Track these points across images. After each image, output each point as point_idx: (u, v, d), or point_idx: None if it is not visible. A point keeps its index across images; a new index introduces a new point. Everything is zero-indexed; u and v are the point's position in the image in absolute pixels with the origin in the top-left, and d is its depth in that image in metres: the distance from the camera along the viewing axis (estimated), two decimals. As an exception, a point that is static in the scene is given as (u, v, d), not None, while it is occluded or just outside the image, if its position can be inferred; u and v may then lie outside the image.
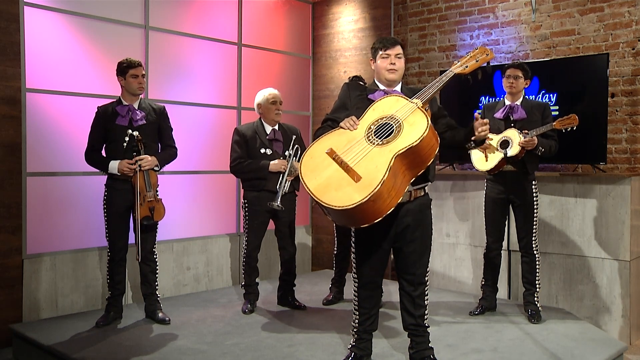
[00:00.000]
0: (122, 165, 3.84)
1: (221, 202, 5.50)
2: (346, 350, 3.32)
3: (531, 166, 4.05)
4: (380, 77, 3.13)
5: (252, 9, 5.74)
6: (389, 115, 2.82)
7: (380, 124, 2.81)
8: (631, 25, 4.57)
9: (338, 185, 2.64)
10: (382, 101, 2.91)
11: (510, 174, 4.06)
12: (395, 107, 2.84)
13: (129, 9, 4.81)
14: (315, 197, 2.64)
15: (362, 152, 2.72)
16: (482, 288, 4.34)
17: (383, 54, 3.10)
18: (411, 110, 2.80)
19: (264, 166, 4.24)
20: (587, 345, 3.60)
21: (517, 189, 4.07)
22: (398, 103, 2.86)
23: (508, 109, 4.10)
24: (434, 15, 5.72)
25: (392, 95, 2.94)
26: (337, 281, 4.73)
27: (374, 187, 2.56)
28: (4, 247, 4.10)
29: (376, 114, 2.85)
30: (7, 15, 4.09)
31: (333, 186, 2.64)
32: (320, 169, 2.71)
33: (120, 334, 3.82)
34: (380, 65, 3.11)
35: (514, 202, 4.10)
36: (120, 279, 4.05)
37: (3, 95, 4.09)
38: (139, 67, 3.93)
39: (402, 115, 2.79)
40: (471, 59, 3.01)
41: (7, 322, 4.08)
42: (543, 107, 4.12)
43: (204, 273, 5.28)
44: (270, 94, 4.36)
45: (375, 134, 2.78)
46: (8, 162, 4.12)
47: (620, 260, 4.32)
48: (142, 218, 3.88)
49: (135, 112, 3.93)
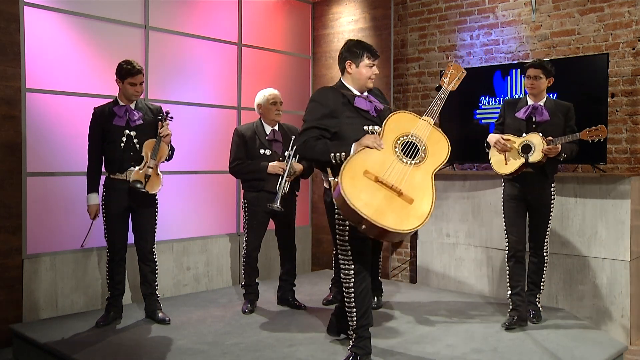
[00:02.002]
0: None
1: (221, 202, 5.50)
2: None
3: (551, 171, 3.95)
4: (359, 84, 3.19)
5: (252, 9, 5.74)
6: (408, 133, 3.01)
7: (404, 142, 2.99)
8: (631, 25, 4.57)
9: (392, 209, 2.81)
10: (395, 118, 3.05)
11: (529, 175, 3.94)
12: (411, 125, 3.04)
13: (129, 9, 4.80)
14: (374, 221, 2.75)
15: (401, 173, 2.89)
16: (510, 297, 4.01)
17: (369, 63, 3.17)
18: (428, 129, 3.03)
19: (262, 168, 4.24)
20: (587, 345, 3.61)
21: (535, 191, 3.95)
22: (412, 121, 3.06)
23: (531, 109, 3.95)
24: (434, 15, 5.72)
25: (401, 112, 3.10)
26: (337, 281, 4.71)
27: (428, 211, 2.84)
28: (4, 247, 4.10)
29: (395, 133, 3.00)
30: (7, 15, 4.09)
31: (389, 210, 2.80)
32: (369, 192, 2.82)
33: (120, 334, 3.82)
34: (363, 73, 3.16)
35: (531, 203, 3.98)
36: (120, 279, 4.05)
37: (3, 95, 4.09)
38: (139, 75, 3.89)
39: (423, 134, 3.02)
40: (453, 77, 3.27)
41: (7, 322, 4.08)
42: (567, 109, 3.96)
43: (204, 273, 5.28)
44: (271, 94, 4.36)
45: (404, 153, 2.96)
46: (8, 162, 4.12)
47: (620, 260, 4.32)
48: (134, 180, 3.87)
49: (132, 113, 3.92)
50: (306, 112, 3.13)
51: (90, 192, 3.95)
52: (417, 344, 3.60)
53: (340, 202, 2.83)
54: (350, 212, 2.78)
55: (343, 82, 3.23)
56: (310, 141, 3.02)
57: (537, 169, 3.92)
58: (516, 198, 4.02)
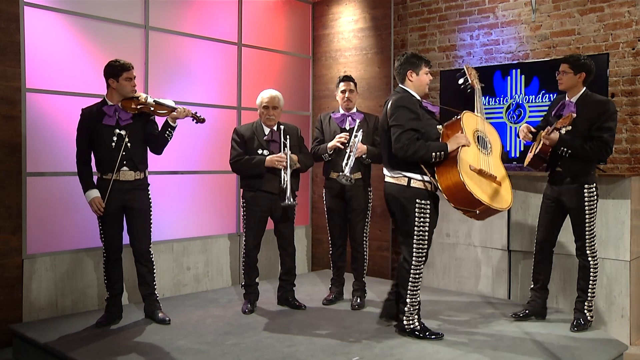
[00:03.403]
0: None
1: (221, 202, 5.50)
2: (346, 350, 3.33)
3: (568, 168, 3.85)
4: (420, 89, 3.70)
5: (252, 9, 5.74)
6: (477, 129, 3.65)
7: (477, 136, 3.63)
8: (631, 25, 4.57)
9: (496, 192, 3.52)
10: (466, 117, 3.65)
11: (558, 175, 3.92)
12: (475, 122, 3.68)
13: (129, 9, 4.80)
14: (492, 206, 3.44)
15: (488, 163, 3.58)
16: (530, 291, 4.18)
17: (427, 70, 3.70)
18: (484, 123, 3.73)
19: (260, 161, 4.24)
20: (587, 345, 3.61)
21: (566, 192, 3.88)
22: (474, 118, 3.70)
23: (560, 106, 3.94)
24: (434, 15, 5.72)
25: (467, 112, 3.68)
26: (336, 280, 4.73)
27: (510, 187, 3.65)
28: (4, 247, 4.10)
29: (470, 129, 3.61)
30: (7, 15, 4.09)
31: (495, 194, 3.51)
32: (480, 183, 3.48)
33: (120, 334, 3.82)
34: (424, 79, 3.69)
35: (565, 205, 3.92)
36: (117, 279, 4.05)
37: (3, 95, 4.09)
38: (132, 69, 3.92)
39: (484, 128, 3.69)
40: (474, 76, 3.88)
41: (7, 322, 4.08)
42: (600, 106, 3.79)
43: (204, 273, 5.28)
44: (266, 97, 4.34)
45: (481, 146, 3.62)
46: (8, 162, 4.12)
47: (620, 260, 4.32)
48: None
49: (122, 112, 3.92)
50: (397, 117, 3.52)
51: (87, 190, 3.90)
52: (417, 344, 3.60)
53: (457, 194, 3.43)
54: (470, 201, 3.41)
55: (406, 88, 3.67)
56: (411, 142, 3.46)
57: (564, 168, 3.87)
58: (550, 197, 4.02)
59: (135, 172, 3.97)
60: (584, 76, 3.85)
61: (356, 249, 4.55)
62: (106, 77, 3.91)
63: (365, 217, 4.52)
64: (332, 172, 4.46)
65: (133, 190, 3.96)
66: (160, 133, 4.04)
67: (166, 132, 4.02)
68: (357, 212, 4.49)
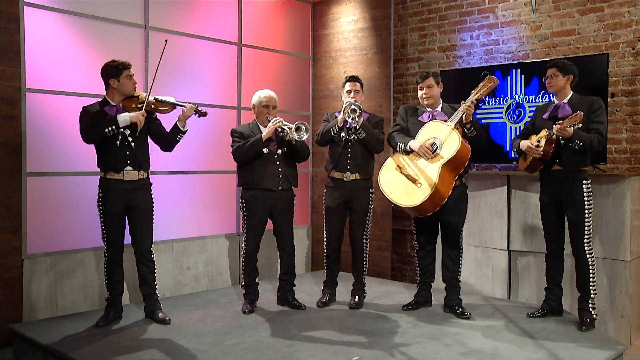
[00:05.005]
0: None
1: (221, 202, 5.50)
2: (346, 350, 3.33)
3: (573, 165, 3.86)
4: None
5: (252, 9, 5.74)
6: (434, 136, 4.04)
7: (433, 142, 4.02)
8: (631, 25, 4.57)
9: (407, 190, 4.01)
10: (428, 125, 4.13)
11: (557, 174, 3.93)
12: (438, 130, 4.05)
13: (129, 9, 4.80)
14: (393, 201, 4.04)
15: (419, 165, 4.04)
16: (545, 290, 4.22)
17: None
18: (449, 132, 4.00)
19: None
20: (587, 345, 3.61)
21: (565, 189, 3.90)
22: (439, 127, 4.06)
23: (553, 108, 3.98)
24: (434, 15, 5.72)
25: (434, 121, 4.14)
26: (329, 282, 4.71)
27: (431, 189, 3.91)
28: (4, 247, 4.10)
29: (426, 136, 4.08)
30: (7, 15, 4.09)
31: (405, 192, 4.01)
32: (395, 183, 4.07)
33: (120, 334, 3.82)
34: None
35: (564, 202, 3.94)
36: (118, 279, 4.05)
37: (3, 95, 4.09)
38: (130, 67, 3.94)
39: (443, 136, 4.01)
40: (483, 87, 4.09)
41: (7, 322, 4.08)
42: (591, 102, 3.89)
43: (204, 273, 5.28)
44: (265, 96, 4.36)
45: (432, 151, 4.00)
46: (8, 162, 4.12)
47: (620, 260, 4.32)
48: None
49: (123, 112, 3.91)
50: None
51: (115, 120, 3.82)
52: (417, 344, 3.60)
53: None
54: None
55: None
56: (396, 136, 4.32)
57: (563, 165, 3.88)
58: (548, 204, 4.03)
59: (139, 172, 3.97)
60: (572, 78, 3.97)
61: (357, 250, 4.54)
62: (106, 78, 3.91)
63: (366, 218, 4.52)
64: (334, 170, 4.46)
65: (136, 190, 3.96)
66: (170, 136, 4.09)
67: (177, 137, 4.08)
68: (358, 214, 4.48)
